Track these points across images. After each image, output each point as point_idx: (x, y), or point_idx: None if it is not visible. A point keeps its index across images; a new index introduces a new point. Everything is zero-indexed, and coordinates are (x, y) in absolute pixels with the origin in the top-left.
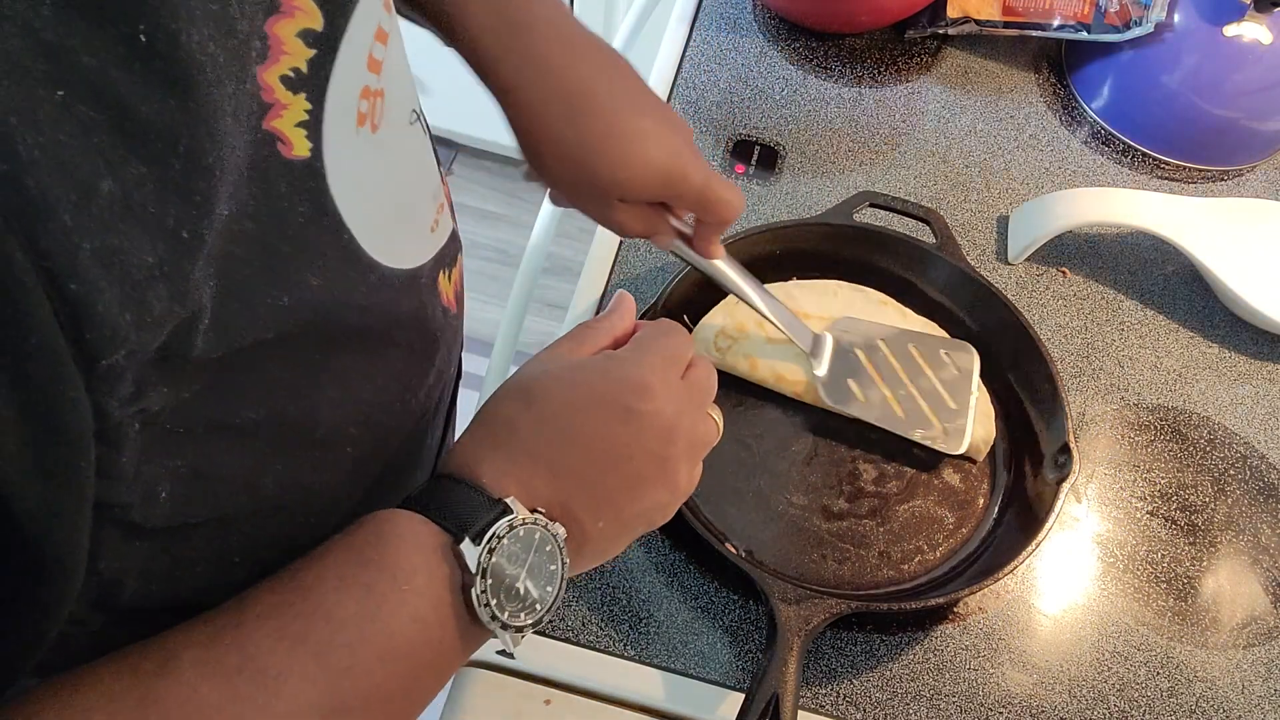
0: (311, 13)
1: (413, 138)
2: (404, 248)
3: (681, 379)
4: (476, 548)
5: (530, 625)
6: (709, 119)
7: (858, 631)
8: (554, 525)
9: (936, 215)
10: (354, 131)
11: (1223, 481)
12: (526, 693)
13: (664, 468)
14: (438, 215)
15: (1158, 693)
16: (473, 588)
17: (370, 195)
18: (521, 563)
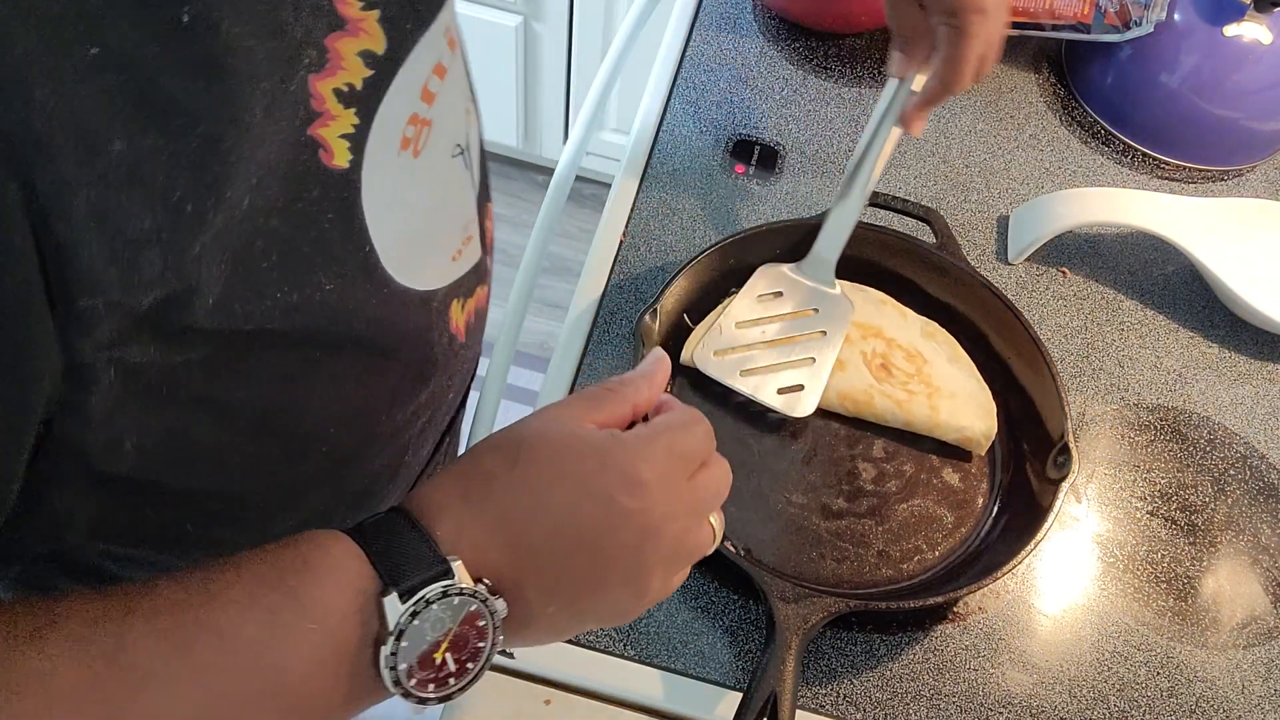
0: (375, 36)
1: (452, 170)
2: (422, 270)
3: (689, 479)
4: (401, 605)
5: (435, 699)
6: (709, 119)
7: (857, 631)
8: (495, 601)
9: (936, 215)
10: (396, 154)
11: (1223, 481)
12: (526, 693)
13: (636, 570)
14: (463, 246)
15: (1158, 693)
16: (384, 645)
17: (399, 215)
18: (445, 632)
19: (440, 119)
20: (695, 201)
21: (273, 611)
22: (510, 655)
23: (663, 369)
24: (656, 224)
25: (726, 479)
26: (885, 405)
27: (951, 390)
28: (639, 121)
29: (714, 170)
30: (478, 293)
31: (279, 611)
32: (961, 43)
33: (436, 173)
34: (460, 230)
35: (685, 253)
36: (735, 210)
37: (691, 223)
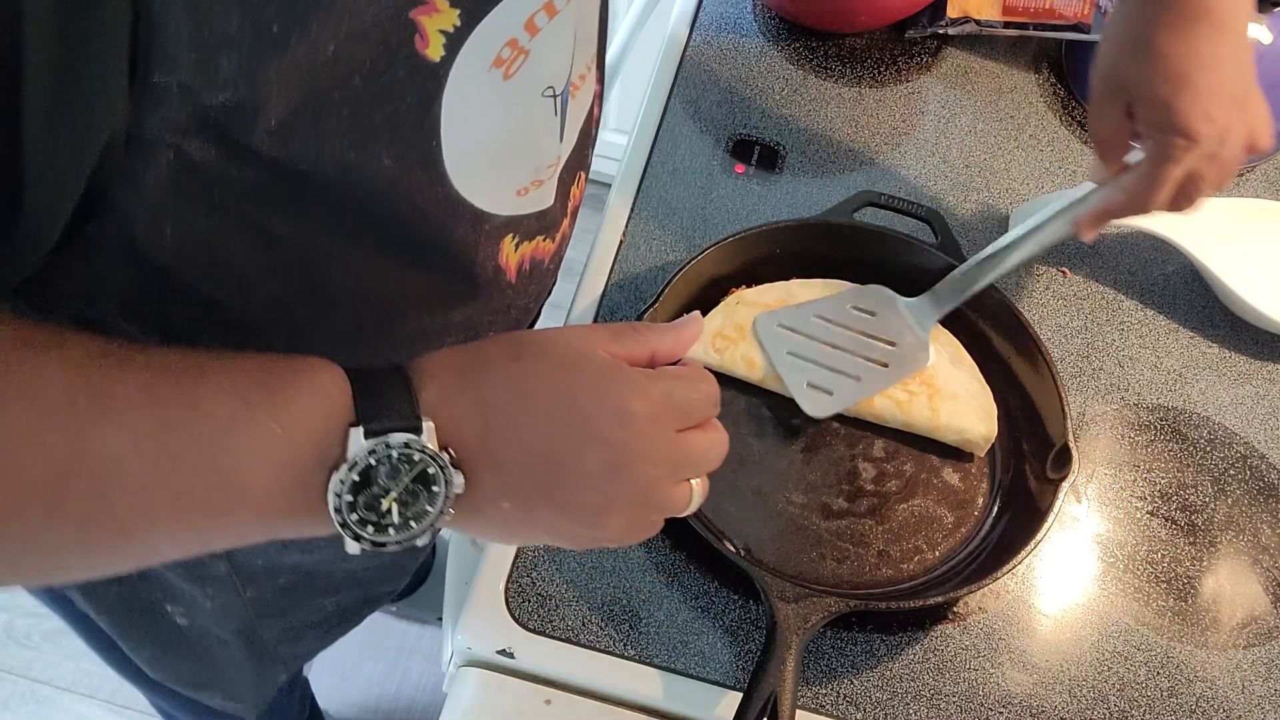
0: None
1: (537, 106)
2: (481, 188)
3: (679, 432)
4: (364, 442)
5: (370, 542)
6: (709, 119)
7: (857, 631)
8: (454, 472)
9: (937, 215)
10: (487, 68)
11: (1223, 481)
12: (526, 693)
13: (597, 499)
14: (531, 186)
15: (1158, 693)
16: (336, 472)
17: (474, 127)
18: (398, 482)
19: (538, 53)
20: (695, 201)
21: (248, 403)
22: (510, 655)
23: (693, 328)
24: (656, 224)
25: (720, 447)
26: (885, 406)
27: (953, 392)
28: (639, 121)
29: (714, 170)
30: (538, 242)
31: (254, 406)
32: (1161, 166)
33: (521, 103)
34: (531, 168)
35: (685, 253)
36: (735, 210)
37: (691, 223)
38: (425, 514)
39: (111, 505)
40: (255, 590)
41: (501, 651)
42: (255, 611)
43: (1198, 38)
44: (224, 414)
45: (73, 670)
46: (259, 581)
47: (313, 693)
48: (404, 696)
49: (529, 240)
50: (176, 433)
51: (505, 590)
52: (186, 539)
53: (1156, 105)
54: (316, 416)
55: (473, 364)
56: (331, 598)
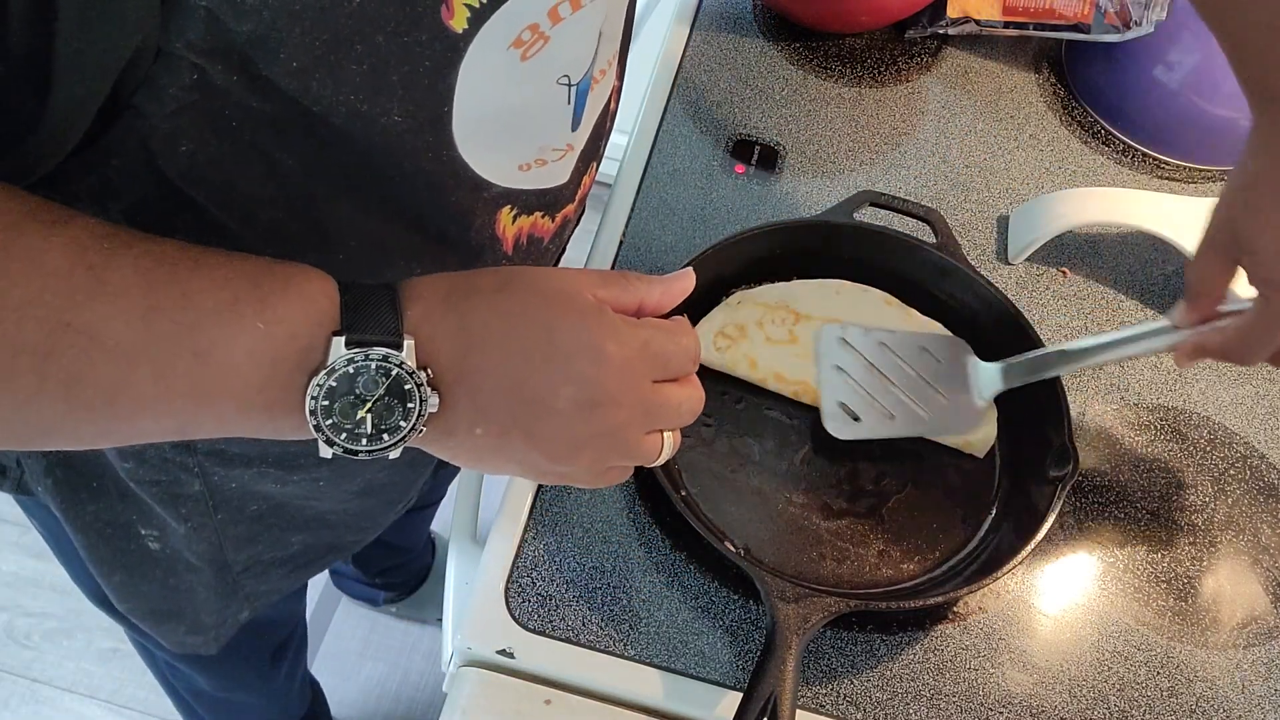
0: None
1: (550, 92)
2: (483, 157)
3: (654, 382)
4: (344, 351)
5: (342, 448)
6: (709, 119)
7: (858, 631)
8: (429, 391)
9: (937, 215)
10: (506, 47)
11: (1223, 481)
12: (526, 693)
13: (565, 435)
14: (535, 164)
15: (1158, 693)
16: (315, 376)
17: (485, 99)
18: (373, 394)
19: (558, 41)
20: (695, 201)
21: (237, 299)
22: (510, 655)
23: (684, 283)
24: (656, 224)
25: (694, 403)
26: None
27: None
28: (639, 121)
29: (714, 170)
30: (537, 218)
31: (242, 302)
32: (1272, 324)
33: (535, 85)
34: (535, 147)
35: (685, 253)
36: (735, 210)
37: (691, 223)
38: (398, 428)
39: (97, 376)
40: (226, 514)
41: (501, 651)
42: (224, 536)
43: None
44: (213, 305)
45: (73, 670)
46: (231, 506)
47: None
48: (404, 696)
49: (527, 214)
50: (164, 316)
51: (505, 590)
52: (169, 421)
53: (1272, 263)
54: (302, 320)
55: (459, 290)
56: (299, 535)
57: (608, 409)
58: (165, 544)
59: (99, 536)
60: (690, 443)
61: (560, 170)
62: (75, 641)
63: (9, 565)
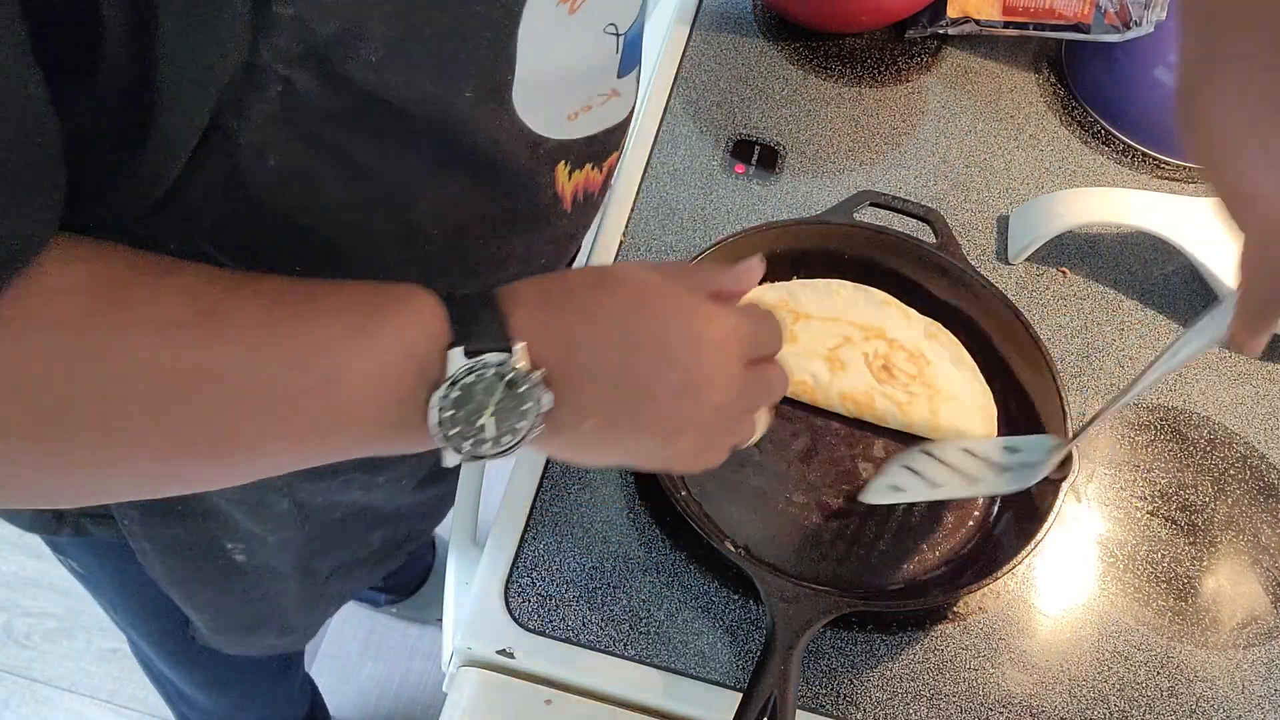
0: None
1: (597, 41)
2: (536, 111)
3: (746, 364)
4: (463, 360)
5: (467, 454)
6: (709, 119)
7: (858, 631)
8: (544, 390)
9: (937, 215)
10: (555, 4)
11: (1223, 481)
12: (526, 693)
13: (670, 418)
14: (581, 111)
15: (1158, 693)
16: (437, 390)
17: (540, 58)
18: (493, 398)
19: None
20: (695, 201)
21: (355, 325)
22: (510, 655)
23: (755, 269)
24: (656, 224)
25: (783, 382)
26: (885, 407)
27: (953, 393)
28: (639, 121)
29: (714, 170)
30: (588, 170)
31: (360, 327)
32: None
33: (584, 37)
34: (583, 95)
35: (685, 253)
36: (735, 210)
37: (691, 223)
38: (518, 429)
39: (230, 417)
40: (312, 525)
41: (501, 651)
42: (311, 546)
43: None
44: (332, 334)
45: (73, 670)
46: (316, 517)
47: (318, 689)
48: (404, 696)
49: (580, 169)
50: (288, 350)
51: (505, 590)
52: (295, 452)
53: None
54: (418, 337)
55: (556, 291)
56: (379, 531)
57: (706, 391)
58: (252, 557)
59: (184, 558)
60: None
61: (608, 114)
62: (75, 641)
63: (9, 565)
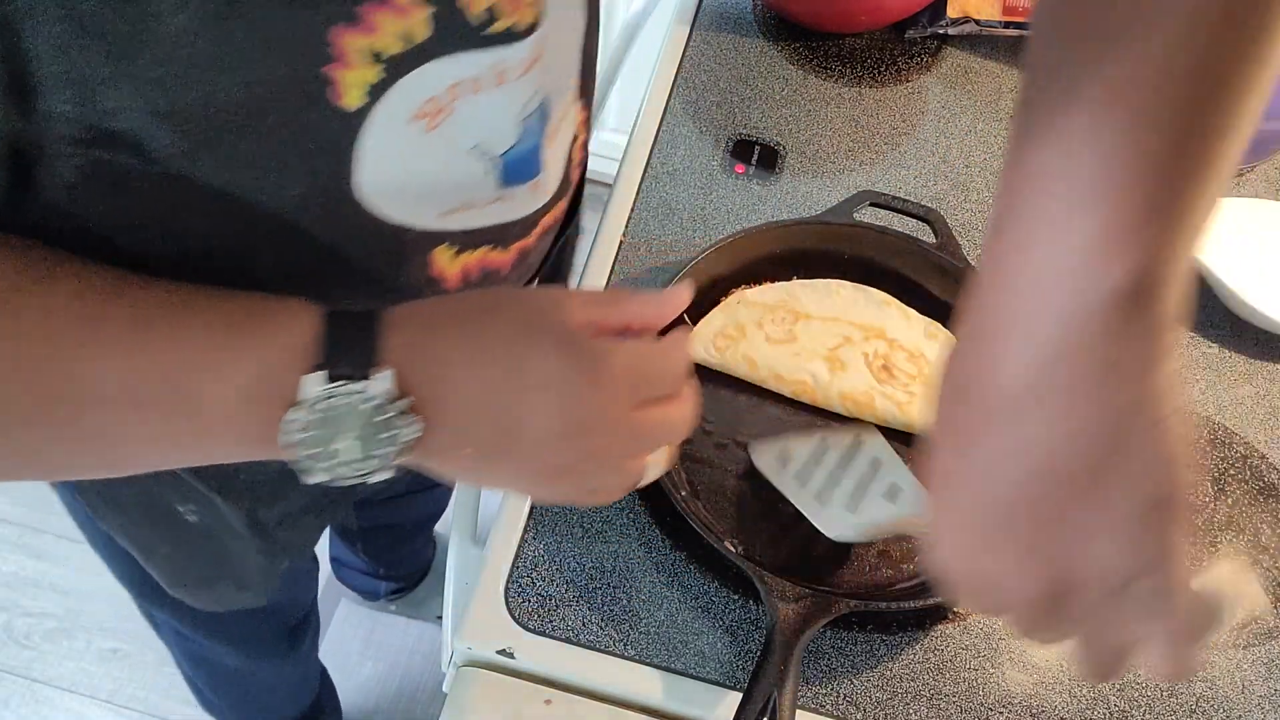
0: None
1: (465, 162)
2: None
3: (637, 406)
4: (320, 386)
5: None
6: (709, 119)
7: (858, 631)
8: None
9: (937, 215)
10: (408, 120)
11: (1223, 481)
12: (526, 693)
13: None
14: (459, 210)
15: (1158, 693)
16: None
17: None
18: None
19: (464, 114)
20: (695, 201)
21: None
22: (510, 655)
23: (677, 299)
24: (656, 224)
25: (681, 423)
26: (886, 407)
27: None
28: (639, 121)
29: (714, 170)
30: (485, 251)
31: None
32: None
33: (445, 154)
34: (456, 199)
35: (685, 253)
36: (735, 210)
37: (691, 223)
38: (381, 456)
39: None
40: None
41: (501, 651)
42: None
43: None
44: (196, 351)
45: (73, 670)
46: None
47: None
48: (404, 696)
49: (472, 250)
50: (152, 365)
51: (505, 590)
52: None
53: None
54: (280, 358)
55: (440, 317)
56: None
57: (583, 437)
58: (203, 516)
59: (139, 516)
60: (690, 443)
61: (499, 213)
62: (75, 641)
63: (9, 565)
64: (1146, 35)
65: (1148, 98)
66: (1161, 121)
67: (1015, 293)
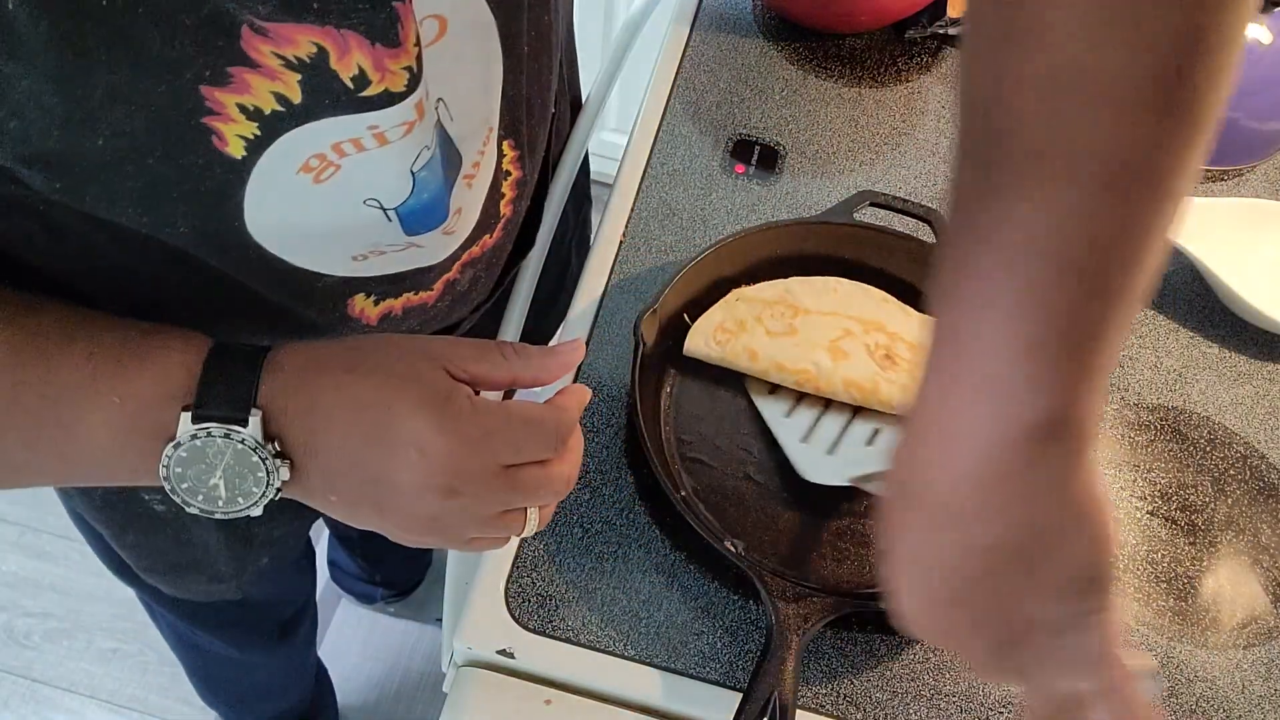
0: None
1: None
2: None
3: (509, 466)
4: (191, 426)
5: (199, 509)
6: (709, 119)
7: (858, 631)
8: (279, 462)
9: (937, 215)
10: (294, 172)
11: (1223, 481)
12: (526, 693)
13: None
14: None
15: (1158, 692)
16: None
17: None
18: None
19: (353, 170)
20: (695, 201)
21: (96, 375)
22: (510, 655)
23: (568, 357)
24: (656, 224)
25: (556, 482)
26: (891, 392)
27: None
28: (639, 121)
29: (714, 170)
30: (407, 297)
31: (100, 377)
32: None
33: (337, 206)
34: (363, 245)
35: (685, 253)
36: (735, 210)
37: (691, 223)
38: (250, 493)
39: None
40: None
41: (501, 651)
42: None
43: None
44: (73, 380)
45: (73, 670)
46: None
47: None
48: (404, 696)
49: (394, 296)
50: (29, 391)
51: (505, 590)
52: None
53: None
54: (155, 395)
55: (314, 364)
56: None
57: (446, 495)
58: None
59: (108, 504)
60: (691, 443)
61: (413, 257)
62: (75, 641)
63: (9, 565)
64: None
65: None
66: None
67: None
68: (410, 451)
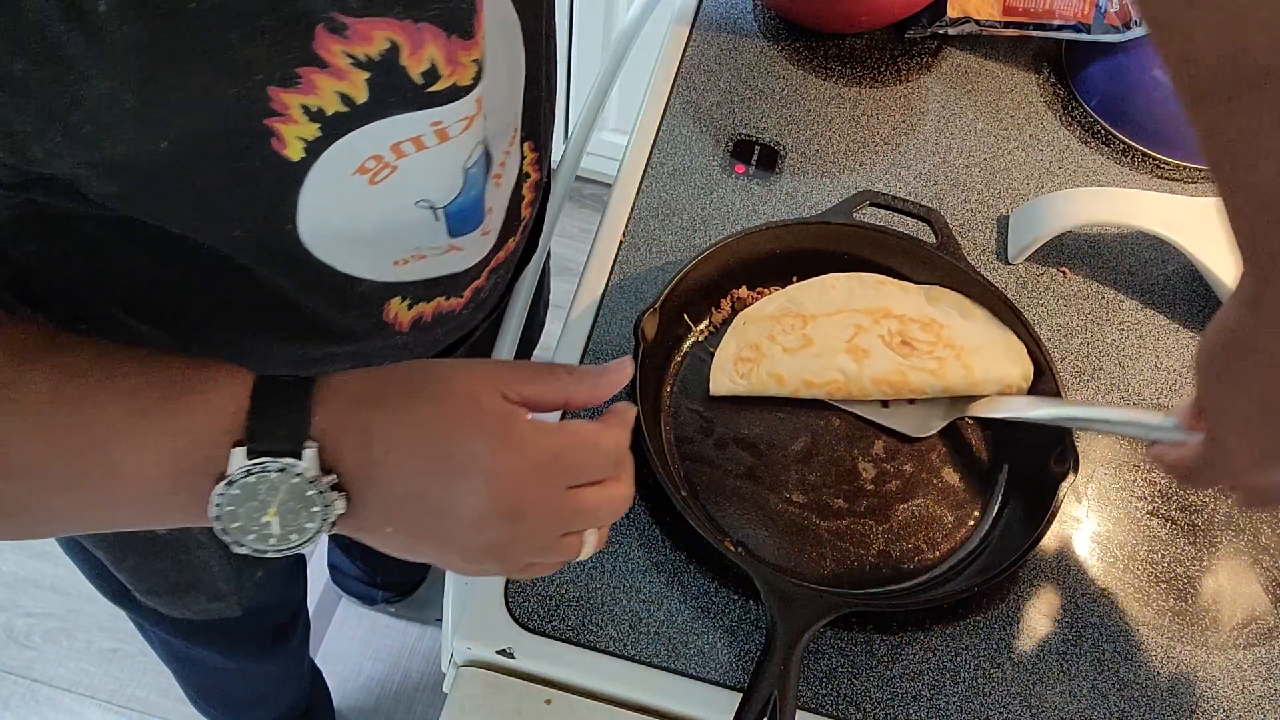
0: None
1: (409, 212)
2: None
3: (569, 489)
4: (244, 461)
5: (250, 549)
6: (709, 119)
7: (858, 631)
8: (334, 495)
9: (937, 215)
10: (350, 174)
11: None
12: (526, 693)
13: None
14: (415, 259)
15: (1158, 692)
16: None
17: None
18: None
19: (409, 170)
20: (695, 201)
21: (143, 411)
22: (510, 655)
23: (618, 375)
24: (656, 224)
25: (614, 505)
26: (921, 378)
27: (976, 345)
28: (639, 121)
29: (714, 170)
30: (439, 301)
31: (148, 415)
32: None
33: (390, 207)
34: (407, 249)
35: (685, 253)
36: (735, 210)
37: (691, 223)
38: (305, 529)
39: (11, 491)
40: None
41: (501, 651)
42: None
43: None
44: (119, 417)
45: (73, 670)
46: None
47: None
48: (404, 697)
49: (427, 300)
50: (73, 432)
51: (505, 590)
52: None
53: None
54: (205, 430)
55: (369, 394)
56: None
57: (514, 520)
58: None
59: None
60: (691, 443)
61: (451, 261)
62: (75, 641)
63: (9, 565)
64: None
65: None
66: None
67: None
68: (475, 476)
